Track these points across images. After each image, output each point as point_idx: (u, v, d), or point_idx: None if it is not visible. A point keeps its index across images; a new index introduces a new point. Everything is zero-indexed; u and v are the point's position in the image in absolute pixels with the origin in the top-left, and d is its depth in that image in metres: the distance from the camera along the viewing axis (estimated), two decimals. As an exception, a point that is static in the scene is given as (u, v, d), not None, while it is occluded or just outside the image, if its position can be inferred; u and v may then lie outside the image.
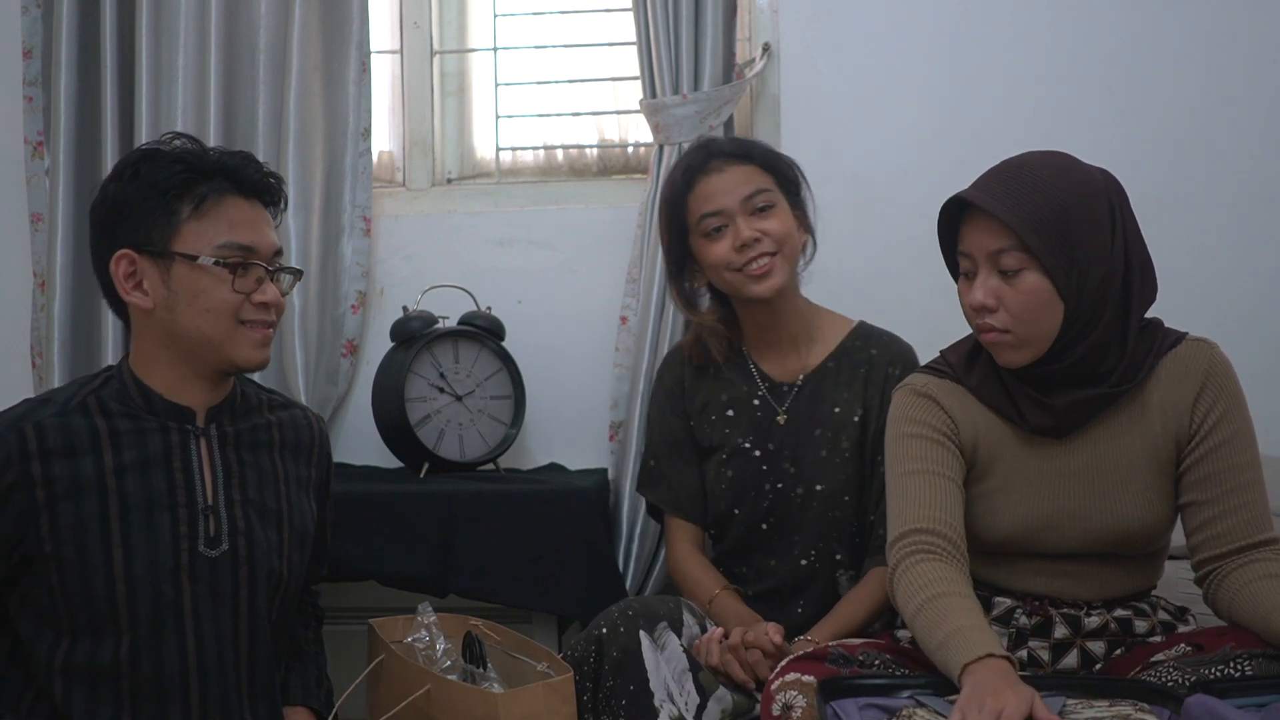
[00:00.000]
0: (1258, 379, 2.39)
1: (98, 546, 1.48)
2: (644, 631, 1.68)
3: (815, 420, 1.92)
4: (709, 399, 1.99)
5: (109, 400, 1.54)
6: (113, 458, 1.50)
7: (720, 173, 1.87)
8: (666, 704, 1.63)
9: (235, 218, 1.54)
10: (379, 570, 2.15)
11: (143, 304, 1.53)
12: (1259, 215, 2.42)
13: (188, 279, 1.51)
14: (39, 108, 2.52)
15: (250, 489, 1.59)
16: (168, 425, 1.55)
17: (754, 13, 2.52)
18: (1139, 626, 1.60)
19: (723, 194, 1.87)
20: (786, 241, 1.87)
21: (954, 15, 2.45)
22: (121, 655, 1.49)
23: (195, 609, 1.52)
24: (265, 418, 1.65)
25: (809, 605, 1.91)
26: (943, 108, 2.45)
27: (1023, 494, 1.60)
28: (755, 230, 1.85)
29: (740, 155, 1.90)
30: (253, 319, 1.55)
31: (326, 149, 2.52)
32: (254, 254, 1.55)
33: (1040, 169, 1.53)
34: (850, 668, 1.52)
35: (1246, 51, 2.41)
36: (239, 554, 1.55)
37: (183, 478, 1.53)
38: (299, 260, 2.49)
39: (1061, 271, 1.50)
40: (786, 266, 1.88)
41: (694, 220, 1.89)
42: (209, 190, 1.52)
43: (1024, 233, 1.48)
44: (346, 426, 2.57)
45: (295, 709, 1.66)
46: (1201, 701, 1.26)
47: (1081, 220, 1.50)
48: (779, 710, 1.46)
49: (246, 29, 2.49)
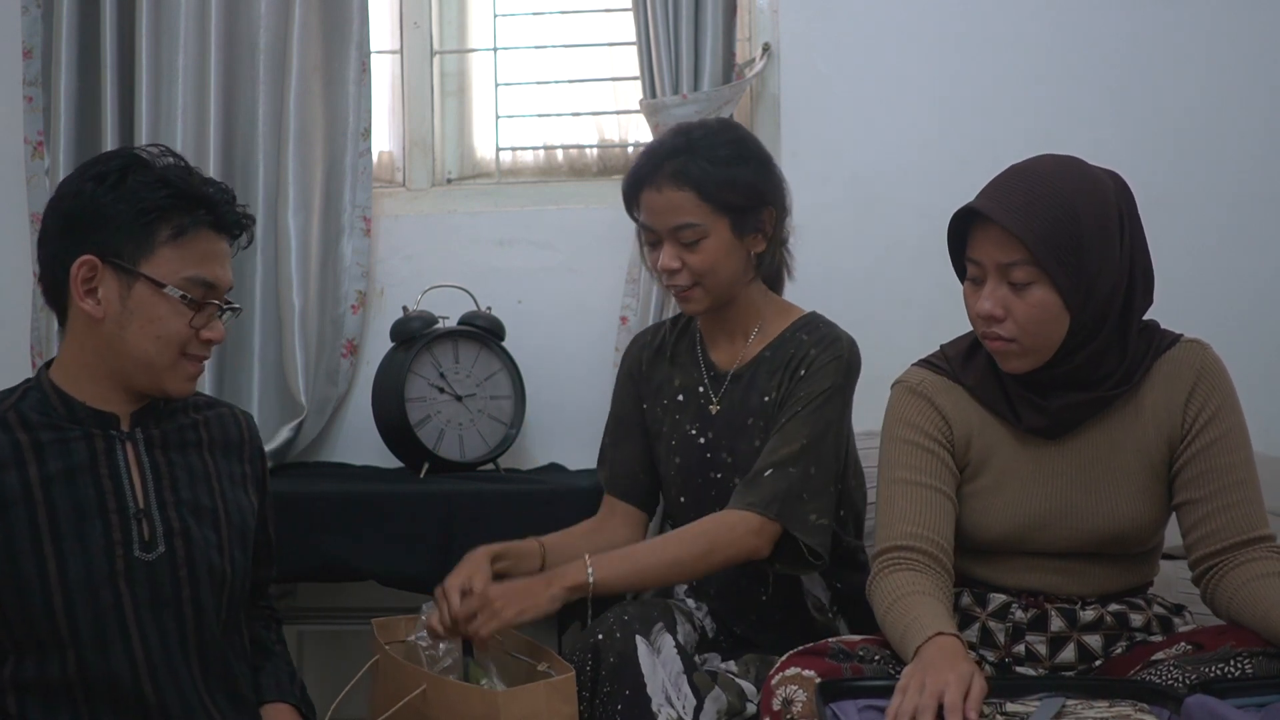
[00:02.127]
0: (1257, 379, 2.40)
1: (30, 560, 1.46)
2: (640, 636, 1.68)
3: (747, 410, 1.89)
4: (663, 383, 1.98)
5: (28, 412, 1.51)
6: (37, 470, 1.48)
7: (658, 192, 1.82)
8: (665, 707, 1.62)
9: (207, 252, 1.54)
10: (379, 570, 2.15)
11: (93, 312, 1.50)
12: (1259, 215, 2.42)
13: (148, 302, 1.50)
14: (39, 108, 2.52)
15: (183, 489, 1.57)
16: (91, 433, 1.52)
17: (754, 13, 2.52)
18: (1135, 620, 1.60)
19: (655, 214, 1.83)
20: (708, 274, 1.83)
21: (954, 15, 2.45)
22: (69, 667, 1.47)
23: (138, 614, 1.50)
24: (191, 417, 1.63)
25: (773, 593, 1.90)
26: (943, 108, 2.45)
27: (1015, 493, 1.60)
28: (676, 261, 1.82)
29: (680, 179, 1.80)
30: (194, 353, 1.55)
31: (326, 149, 2.52)
32: (214, 291, 1.55)
33: (1055, 179, 1.52)
34: (850, 663, 1.52)
35: (1246, 51, 2.40)
36: (177, 555, 1.53)
37: (110, 484, 1.51)
38: (299, 260, 2.49)
39: (1070, 287, 1.49)
40: (707, 296, 1.85)
41: (638, 221, 1.89)
42: (190, 222, 1.51)
43: (1035, 248, 1.48)
44: (346, 426, 2.57)
45: (274, 706, 1.66)
46: (1201, 701, 1.26)
47: (1093, 234, 1.50)
48: (779, 705, 1.46)
49: (246, 29, 2.49)
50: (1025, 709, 1.37)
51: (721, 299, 1.87)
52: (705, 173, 1.80)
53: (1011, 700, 1.39)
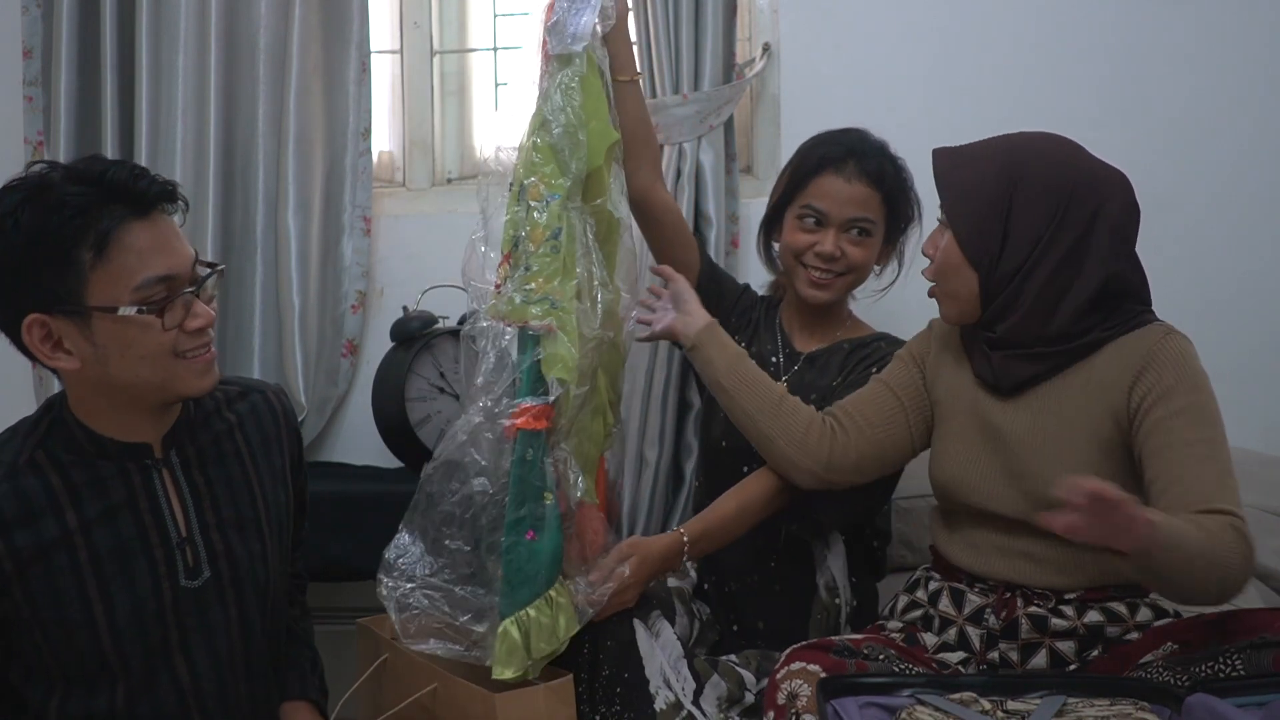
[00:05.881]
0: (1257, 379, 2.41)
1: (76, 605, 1.41)
2: (638, 620, 1.69)
3: (813, 388, 1.94)
4: (750, 339, 2.05)
5: (57, 451, 1.44)
6: (75, 515, 1.42)
7: (847, 182, 1.91)
8: (663, 690, 1.64)
9: (143, 247, 1.37)
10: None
11: (69, 366, 1.39)
12: (1259, 215, 2.42)
13: (112, 332, 1.37)
14: (39, 108, 2.52)
15: (224, 507, 1.52)
16: (126, 467, 1.45)
17: (754, 13, 2.52)
18: (1110, 631, 1.58)
19: (834, 201, 1.92)
20: (860, 270, 1.96)
21: (954, 15, 2.45)
22: (118, 702, 1.44)
23: (184, 643, 1.48)
24: (225, 420, 1.57)
25: (780, 562, 1.94)
26: (942, 108, 2.44)
27: (964, 443, 1.66)
28: (838, 248, 1.92)
29: (872, 179, 1.92)
30: (191, 348, 1.42)
31: (326, 149, 2.52)
32: (175, 281, 1.39)
33: (1019, 148, 1.60)
34: (855, 659, 1.52)
35: (1247, 52, 2.41)
36: (223, 577, 1.50)
37: (151, 517, 1.46)
38: (299, 260, 2.49)
39: (969, 242, 1.58)
40: (844, 289, 1.97)
41: (800, 200, 1.95)
42: (108, 226, 1.34)
43: (946, 196, 1.60)
44: (346, 426, 2.57)
45: (294, 704, 1.64)
46: (1202, 700, 1.27)
47: (1020, 204, 1.56)
48: (784, 699, 1.46)
49: (246, 29, 2.49)
50: (1026, 707, 1.37)
51: (843, 295, 2.00)
52: (895, 182, 1.95)
53: (1013, 698, 1.39)
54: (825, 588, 1.91)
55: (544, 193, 1.65)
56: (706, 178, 2.38)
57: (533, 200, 1.65)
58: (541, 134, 1.67)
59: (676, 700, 1.64)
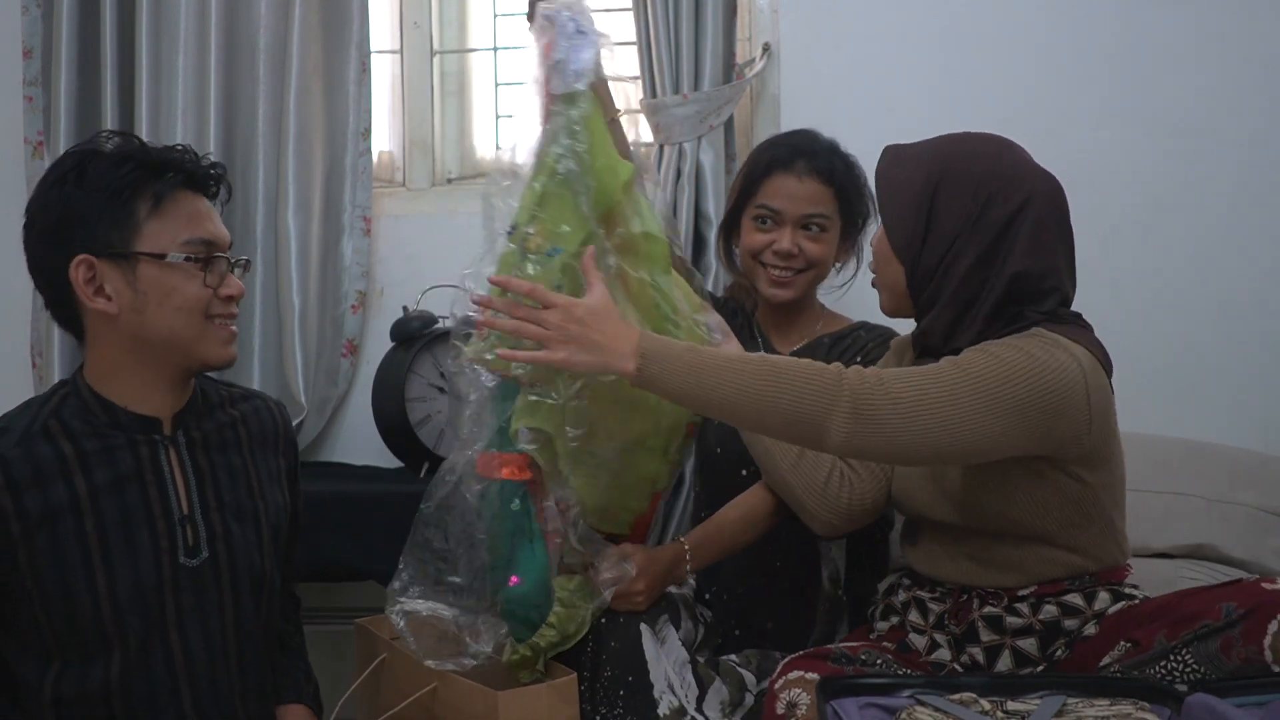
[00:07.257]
0: (1257, 379, 2.41)
1: (79, 572, 1.44)
2: (644, 624, 1.69)
3: None
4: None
5: (70, 420, 1.48)
6: (84, 481, 1.46)
7: (798, 180, 1.94)
8: (667, 694, 1.64)
9: (192, 212, 1.50)
10: (378, 570, 2.15)
11: (107, 309, 1.47)
12: (1259, 215, 2.42)
13: (157, 278, 1.47)
14: (39, 108, 2.53)
15: (225, 491, 1.56)
16: (136, 439, 1.50)
17: (754, 13, 2.52)
18: (1068, 625, 1.58)
19: (787, 199, 1.94)
20: (819, 265, 1.98)
21: (954, 15, 2.46)
22: (112, 676, 1.46)
23: (180, 622, 1.50)
24: (229, 414, 1.62)
25: (785, 563, 1.93)
26: (942, 108, 2.44)
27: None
28: (795, 245, 1.95)
29: (823, 176, 1.95)
30: (220, 313, 1.52)
31: (326, 149, 2.52)
32: (215, 247, 1.51)
33: (952, 145, 1.61)
34: (853, 667, 1.52)
35: (1247, 52, 2.41)
36: (219, 560, 1.53)
37: (156, 491, 1.50)
38: (299, 260, 2.49)
39: (895, 236, 1.60)
40: (806, 285, 1.99)
41: (755, 202, 1.97)
42: (164, 187, 1.48)
43: (879, 189, 1.63)
44: (346, 426, 2.58)
45: (289, 707, 1.66)
46: (1202, 701, 1.27)
47: (942, 200, 1.57)
48: (783, 709, 1.46)
49: (246, 29, 2.49)
50: (1026, 707, 1.37)
51: (807, 291, 2.01)
52: (846, 178, 1.97)
53: (1013, 698, 1.39)
54: (829, 579, 1.92)
55: (543, 245, 1.61)
56: (706, 178, 2.38)
57: (531, 252, 1.61)
58: (542, 178, 1.63)
59: (680, 706, 1.64)
